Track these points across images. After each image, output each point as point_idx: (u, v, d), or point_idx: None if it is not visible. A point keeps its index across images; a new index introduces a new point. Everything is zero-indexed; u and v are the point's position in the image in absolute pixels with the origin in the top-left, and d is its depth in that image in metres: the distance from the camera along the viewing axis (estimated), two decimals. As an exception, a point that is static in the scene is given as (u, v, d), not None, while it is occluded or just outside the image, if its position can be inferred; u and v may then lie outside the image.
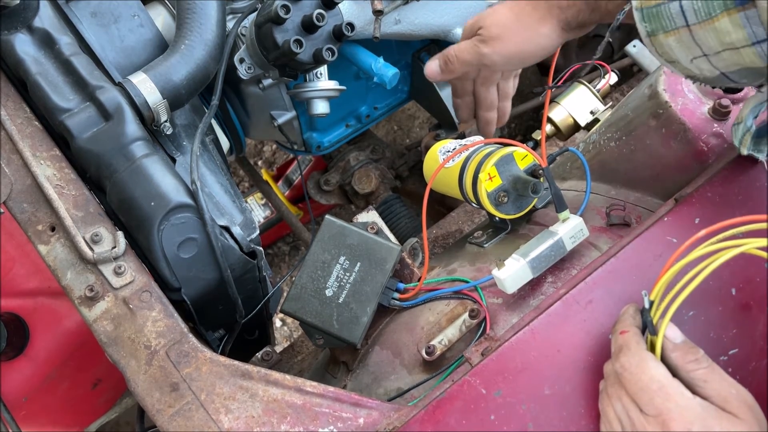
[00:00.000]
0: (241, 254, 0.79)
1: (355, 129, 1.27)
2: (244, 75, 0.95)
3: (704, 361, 0.58)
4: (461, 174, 0.87)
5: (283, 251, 2.01)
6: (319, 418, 0.66)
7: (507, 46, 0.73)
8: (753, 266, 0.69)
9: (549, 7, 0.69)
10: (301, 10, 0.87)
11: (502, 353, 0.66)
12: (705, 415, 0.54)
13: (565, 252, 0.75)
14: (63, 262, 0.74)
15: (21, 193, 0.77)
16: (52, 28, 0.83)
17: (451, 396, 0.65)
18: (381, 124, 2.08)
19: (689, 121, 0.77)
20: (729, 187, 0.73)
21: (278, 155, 2.13)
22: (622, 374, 0.59)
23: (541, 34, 0.71)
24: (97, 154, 0.77)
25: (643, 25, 0.61)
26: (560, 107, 1.18)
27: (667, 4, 0.57)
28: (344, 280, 0.78)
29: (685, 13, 0.56)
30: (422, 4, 1.02)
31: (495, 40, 0.73)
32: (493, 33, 0.73)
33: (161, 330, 0.71)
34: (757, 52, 0.55)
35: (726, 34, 0.55)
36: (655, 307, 0.60)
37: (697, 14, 0.56)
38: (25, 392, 1.07)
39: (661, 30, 0.59)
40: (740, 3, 0.53)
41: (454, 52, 0.78)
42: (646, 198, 0.83)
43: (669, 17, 0.58)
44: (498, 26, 0.73)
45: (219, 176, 0.87)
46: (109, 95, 0.79)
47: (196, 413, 0.66)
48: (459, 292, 0.79)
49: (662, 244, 0.70)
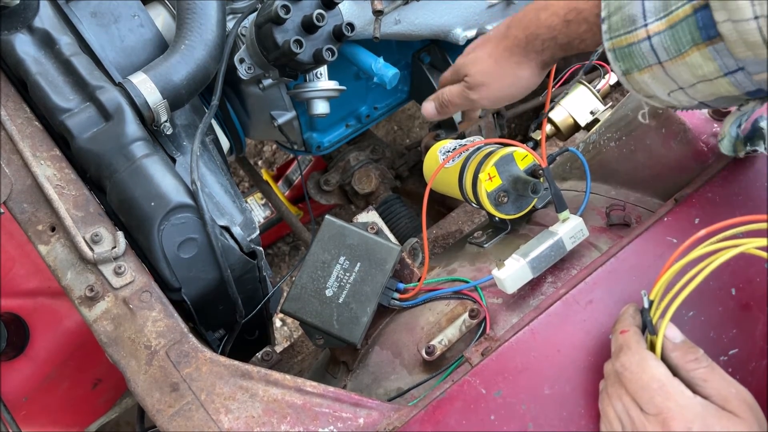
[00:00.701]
0: (241, 254, 0.79)
1: (355, 129, 1.27)
2: (244, 75, 0.95)
3: (704, 361, 0.58)
4: (461, 174, 0.87)
5: (283, 251, 2.01)
6: (319, 418, 0.66)
7: (492, 92, 0.78)
8: (753, 266, 0.69)
9: (525, 53, 0.73)
10: (301, 10, 0.87)
11: (502, 353, 0.66)
12: (705, 414, 0.54)
13: (565, 252, 0.75)
14: (63, 262, 0.74)
15: (21, 193, 0.77)
16: (52, 28, 0.83)
17: (451, 396, 0.65)
18: (381, 124, 2.08)
19: (689, 121, 0.77)
20: (729, 187, 0.73)
21: (278, 155, 2.13)
22: (623, 373, 0.59)
23: (522, 77, 0.75)
24: (97, 154, 0.77)
25: (618, 65, 0.62)
26: (560, 107, 1.18)
27: (638, 44, 0.59)
28: (344, 280, 0.78)
29: (656, 51, 0.58)
30: (422, 4, 1.02)
31: (481, 87, 0.78)
32: (478, 81, 0.77)
33: (161, 330, 0.71)
34: (731, 81, 0.56)
35: (698, 68, 0.56)
36: (654, 306, 0.60)
37: (667, 51, 0.57)
38: (25, 392, 1.07)
39: (635, 68, 0.61)
40: (707, 37, 0.54)
41: (447, 97, 0.83)
42: (646, 198, 0.83)
43: (641, 56, 0.59)
44: (482, 74, 0.77)
45: (219, 176, 0.87)
46: (109, 95, 0.79)
47: (196, 413, 0.66)
48: (459, 292, 0.79)
49: (662, 244, 0.71)
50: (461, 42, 1.08)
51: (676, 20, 0.55)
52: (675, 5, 0.55)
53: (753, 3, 0.50)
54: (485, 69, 0.76)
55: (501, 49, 0.74)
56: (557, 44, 0.69)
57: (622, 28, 0.59)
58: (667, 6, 0.56)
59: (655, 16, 0.57)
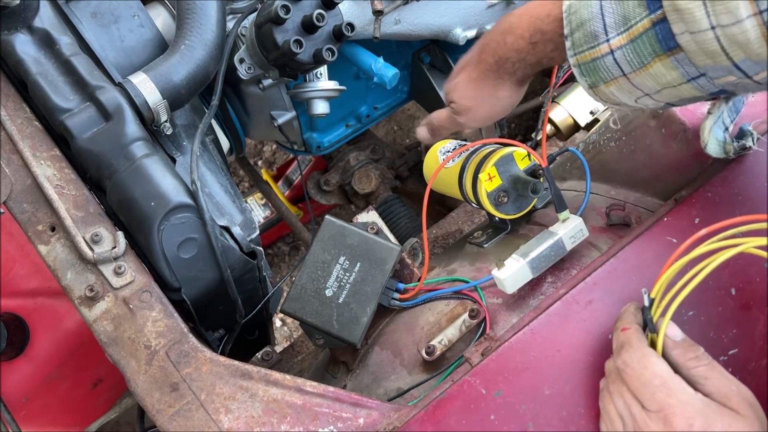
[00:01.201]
0: (241, 254, 0.79)
1: (355, 129, 1.27)
2: (244, 75, 0.95)
3: (704, 359, 0.58)
4: (461, 174, 0.87)
5: (283, 251, 2.01)
6: (319, 418, 0.66)
7: (478, 114, 0.80)
8: (753, 266, 0.69)
9: (499, 75, 0.75)
10: (301, 11, 0.87)
11: (502, 353, 0.66)
12: (707, 411, 0.55)
13: (565, 252, 0.75)
14: (63, 262, 0.74)
15: (21, 193, 0.77)
16: (52, 28, 0.83)
17: (451, 396, 0.65)
18: (381, 124, 2.08)
19: (689, 121, 0.77)
20: (729, 187, 0.73)
21: (278, 155, 2.13)
22: (624, 370, 0.59)
23: (502, 97, 0.77)
24: (97, 154, 0.77)
25: (584, 79, 0.64)
26: (560, 107, 1.18)
27: (602, 59, 0.60)
28: (344, 280, 0.78)
29: (619, 64, 0.60)
30: (422, 4, 1.02)
31: (467, 111, 0.81)
32: (463, 106, 0.80)
33: (161, 330, 0.71)
34: (694, 86, 0.58)
35: (662, 77, 0.58)
36: (655, 305, 0.61)
37: (631, 64, 0.59)
38: (25, 392, 1.07)
39: (601, 81, 0.63)
40: (667, 48, 0.56)
41: (437, 123, 0.86)
42: (646, 198, 0.83)
43: (606, 69, 0.61)
44: (465, 99, 0.80)
45: (219, 176, 0.87)
46: (109, 95, 0.79)
47: (196, 413, 0.66)
48: (459, 292, 0.79)
49: (662, 244, 0.71)
50: (461, 42, 1.08)
51: (636, 34, 0.57)
52: (634, 20, 0.57)
53: (708, 14, 0.51)
54: (468, 94, 0.79)
55: (477, 74, 0.77)
56: (527, 64, 0.72)
57: (585, 44, 0.61)
58: (627, 21, 0.57)
59: (616, 30, 0.58)
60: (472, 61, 0.78)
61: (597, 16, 0.59)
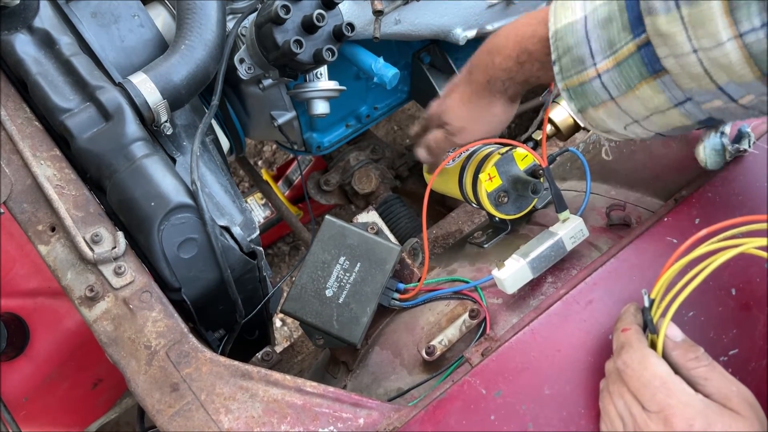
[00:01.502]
0: (241, 254, 0.79)
1: (355, 129, 1.27)
2: (244, 75, 0.95)
3: (704, 359, 0.58)
4: (461, 174, 0.87)
5: (283, 251, 2.01)
6: (319, 418, 0.66)
7: (473, 133, 0.81)
8: (753, 266, 0.69)
9: (491, 92, 0.76)
10: (301, 11, 0.87)
11: (502, 353, 0.66)
12: (707, 412, 0.55)
13: (565, 252, 0.75)
14: (63, 263, 0.74)
15: (21, 193, 0.77)
16: (52, 28, 0.83)
17: (451, 396, 0.65)
18: (381, 124, 2.08)
19: (689, 121, 0.77)
20: (729, 187, 0.73)
21: (278, 155, 2.13)
22: (624, 371, 0.59)
23: (496, 114, 0.78)
24: (97, 155, 0.77)
25: (572, 103, 0.65)
26: (560, 107, 1.18)
27: (590, 83, 0.61)
28: (344, 280, 0.78)
29: (607, 87, 0.60)
30: (422, 4, 1.02)
31: (462, 131, 0.81)
32: (457, 126, 0.81)
33: (161, 330, 0.71)
34: (682, 112, 0.59)
35: (649, 100, 0.59)
36: (655, 306, 0.60)
37: (618, 88, 0.60)
38: (25, 392, 1.07)
39: (590, 105, 0.63)
40: (653, 71, 0.57)
41: (434, 144, 0.86)
42: (646, 198, 0.83)
43: (593, 93, 0.62)
44: (459, 119, 0.80)
45: (219, 176, 0.87)
46: (109, 95, 0.79)
47: (196, 413, 0.66)
48: (459, 293, 0.79)
49: (662, 245, 0.70)
50: (461, 42, 1.08)
51: (622, 58, 0.58)
52: (619, 44, 0.58)
53: (690, 38, 0.52)
54: (461, 114, 0.80)
55: (469, 94, 0.78)
56: (516, 83, 0.73)
57: (573, 68, 0.62)
58: (612, 45, 0.58)
59: (602, 54, 0.59)
60: (463, 82, 0.79)
61: (583, 42, 0.60)
